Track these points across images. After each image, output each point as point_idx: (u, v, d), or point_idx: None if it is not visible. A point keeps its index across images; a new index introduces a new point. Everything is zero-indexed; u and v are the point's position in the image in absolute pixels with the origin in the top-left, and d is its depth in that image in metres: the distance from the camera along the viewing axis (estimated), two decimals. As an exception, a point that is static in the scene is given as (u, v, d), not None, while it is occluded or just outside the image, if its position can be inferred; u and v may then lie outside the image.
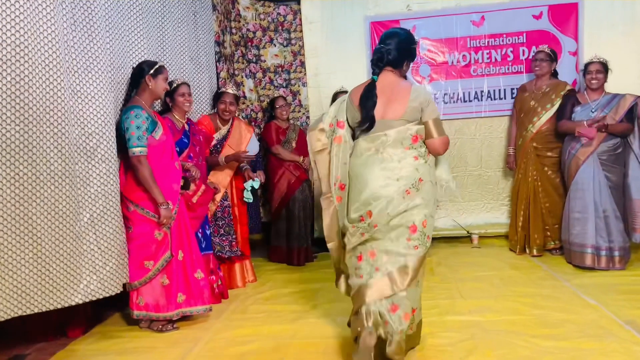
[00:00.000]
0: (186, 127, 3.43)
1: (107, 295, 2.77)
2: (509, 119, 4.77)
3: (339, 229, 2.55)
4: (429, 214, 2.40)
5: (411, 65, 2.68)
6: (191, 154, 3.39)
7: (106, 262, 2.75)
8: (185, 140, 3.39)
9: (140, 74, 2.98)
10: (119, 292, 2.83)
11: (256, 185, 3.94)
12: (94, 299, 2.71)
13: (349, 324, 2.62)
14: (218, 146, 3.80)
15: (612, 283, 3.50)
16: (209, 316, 3.20)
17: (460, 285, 3.60)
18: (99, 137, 2.73)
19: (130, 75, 3.07)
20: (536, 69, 4.36)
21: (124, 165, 2.97)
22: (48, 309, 2.53)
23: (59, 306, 2.56)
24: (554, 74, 4.42)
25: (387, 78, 2.47)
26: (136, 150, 2.82)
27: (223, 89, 3.87)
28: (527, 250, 4.34)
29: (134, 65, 3.10)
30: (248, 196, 3.91)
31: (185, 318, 3.12)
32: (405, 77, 2.60)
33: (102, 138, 2.75)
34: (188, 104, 3.37)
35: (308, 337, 2.84)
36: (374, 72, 2.48)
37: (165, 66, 3.11)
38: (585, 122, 3.84)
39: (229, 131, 3.84)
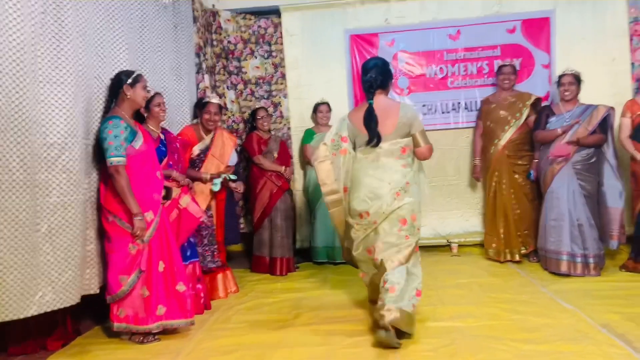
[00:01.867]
0: (162, 136, 3.43)
1: (63, 306, 2.73)
2: (473, 130, 4.86)
3: (345, 221, 3.14)
4: (417, 210, 2.96)
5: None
6: (170, 162, 3.39)
7: (62, 274, 2.71)
8: (163, 149, 3.39)
9: (119, 84, 2.95)
10: (75, 303, 2.79)
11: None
12: (49, 310, 2.67)
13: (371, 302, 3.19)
14: (202, 156, 3.80)
15: (587, 289, 3.58)
16: (188, 327, 3.17)
17: (441, 292, 3.65)
18: (60, 147, 2.70)
19: (109, 86, 3.04)
20: (505, 82, 4.51)
21: (104, 175, 2.95)
22: (3, 320, 2.49)
23: (14, 317, 2.52)
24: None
25: (380, 100, 2.99)
26: (113, 160, 2.80)
27: (207, 99, 3.88)
28: (509, 257, 4.41)
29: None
30: (216, 182, 3.76)
31: (167, 329, 3.09)
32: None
33: (64, 149, 2.72)
34: (163, 114, 3.38)
35: (291, 346, 2.84)
36: (369, 97, 2.97)
37: (144, 75, 3.10)
38: (558, 129, 3.95)
39: (212, 141, 3.85)
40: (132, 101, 2.96)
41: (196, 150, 3.78)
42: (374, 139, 2.92)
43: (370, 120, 2.91)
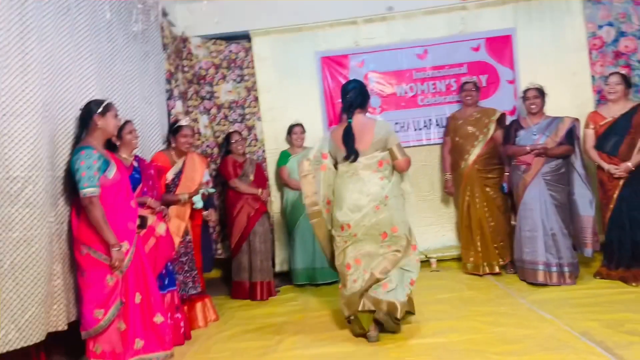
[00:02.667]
0: (135, 163, 3.39)
1: (27, 345, 2.62)
2: (441, 147, 4.95)
3: (327, 232, 3.30)
4: (397, 221, 3.11)
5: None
6: (145, 189, 3.35)
7: (25, 311, 2.61)
8: (137, 176, 3.34)
9: (89, 113, 2.90)
10: (39, 341, 2.68)
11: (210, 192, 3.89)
12: (12, 349, 2.56)
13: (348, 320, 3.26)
14: (176, 180, 3.77)
15: (564, 297, 3.65)
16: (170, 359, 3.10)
17: (423, 308, 3.65)
18: (24, 181, 2.62)
19: (79, 116, 2.99)
20: (467, 98, 4.63)
21: (77, 207, 2.88)
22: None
23: None
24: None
25: (358, 119, 3.21)
26: (87, 191, 2.72)
27: (180, 122, 3.86)
28: (488, 269, 4.47)
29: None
30: (196, 199, 3.74)
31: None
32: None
33: (27, 182, 2.64)
34: (135, 141, 3.34)
35: (276, 372, 2.81)
36: (348, 117, 3.20)
37: (114, 104, 3.06)
38: (527, 147, 4.06)
39: (184, 164, 3.82)
40: (103, 130, 2.91)
41: (170, 175, 3.75)
42: (351, 155, 3.13)
43: (348, 138, 3.13)
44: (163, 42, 4.45)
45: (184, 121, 3.89)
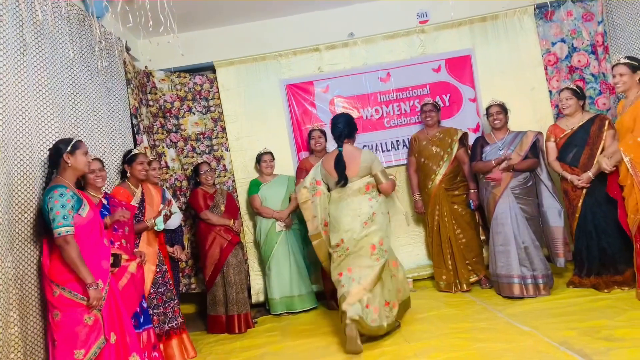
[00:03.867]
0: (104, 201, 3.32)
1: None
2: (406, 167, 5.00)
3: (327, 251, 3.65)
4: (383, 235, 3.50)
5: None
6: (115, 226, 3.27)
7: None
8: (106, 213, 3.27)
9: (57, 153, 2.86)
10: None
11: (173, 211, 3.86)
12: None
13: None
14: (141, 207, 3.69)
15: (541, 308, 3.70)
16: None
17: (403, 329, 3.64)
18: None
19: (47, 157, 2.92)
20: (428, 119, 4.71)
21: (48, 247, 2.79)
22: None
23: None
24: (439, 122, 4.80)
25: (347, 148, 3.63)
26: (62, 230, 2.66)
27: (135, 151, 3.79)
28: (459, 287, 4.50)
29: (49, 146, 2.97)
30: (157, 221, 3.66)
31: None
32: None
33: None
34: (100, 180, 3.27)
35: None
36: (339, 145, 3.61)
37: (83, 141, 3.00)
38: (492, 161, 4.16)
39: (142, 192, 3.76)
40: (74, 169, 2.87)
41: (133, 204, 3.66)
42: (342, 180, 3.52)
43: (339, 165, 3.54)
44: (126, 77, 4.41)
45: (137, 149, 3.84)
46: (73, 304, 2.70)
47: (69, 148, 2.86)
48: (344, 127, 3.64)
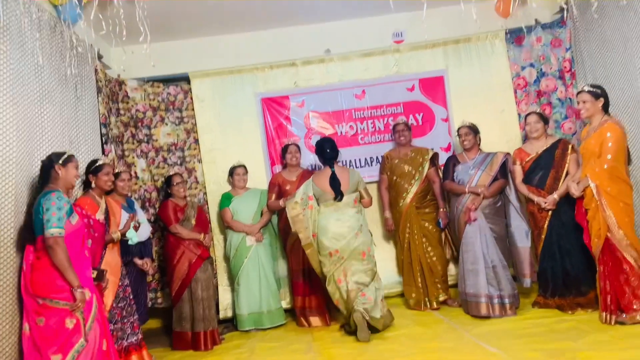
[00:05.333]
0: None
1: None
2: (377, 185, 4.98)
3: (319, 258, 4.07)
4: (369, 243, 4.06)
5: None
6: (90, 239, 3.20)
7: None
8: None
9: (50, 164, 3.00)
10: None
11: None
12: None
13: (341, 327, 4.21)
14: (106, 219, 3.59)
15: (507, 329, 3.74)
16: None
17: (371, 348, 3.64)
18: None
19: (40, 168, 3.03)
20: (401, 138, 4.77)
21: (32, 255, 2.84)
22: None
23: None
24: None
25: (337, 168, 4.15)
26: (55, 231, 2.75)
27: (100, 162, 3.65)
28: (428, 305, 4.53)
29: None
30: (132, 234, 3.67)
31: None
32: None
33: None
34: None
35: None
36: (331, 166, 4.11)
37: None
38: (465, 189, 4.23)
39: (106, 203, 3.65)
40: (64, 181, 3.01)
41: (100, 216, 3.55)
42: (338, 196, 4.00)
43: (335, 183, 4.03)
44: (97, 85, 4.32)
45: (102, 159, 3.75)
46: (55, 310, 2.78)
47: (61, 160, 3.00)
48: (333, 151, 4.15)
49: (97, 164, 3.64)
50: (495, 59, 5.24)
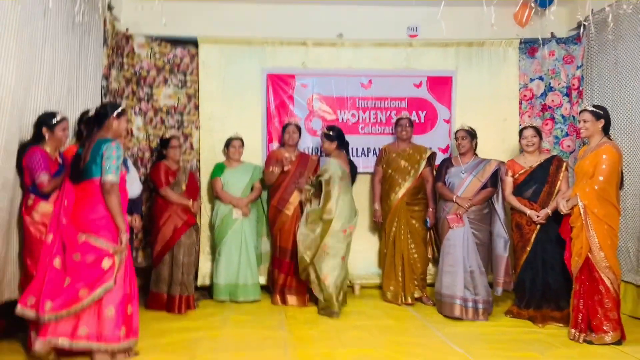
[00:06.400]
0: (59, 159, 3.38)
1: None
2: (371, 176, 5.00)
3: None
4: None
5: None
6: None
7: None
8: (61, 171, 3.30)
9: (105, 115, 3.13)
10: None
11: None
12: None
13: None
14: None
15: (477, 333, 3.79)
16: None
17: (342, 334, 3.67)
18: None
19: (95, 114, 3.19)
20: (403, 133, 4.76)
21: (80, 194, 3.03)
22: None
23: None
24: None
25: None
26: (113, 177, 2.97)
27: (90, 113, 3.64)
28: (404, 300, 4.57)
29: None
30: None
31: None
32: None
33: None
34: (65, 138, 3.39)
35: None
36: (347, 152, 4.58)
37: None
38: (454, 197, 4.23)
39: None
40: (115, 131, 3.15)
41: None
42: (355, 177, 4.55)
43: (353, 168, 4.50)
44: (104, 36, 4.28)
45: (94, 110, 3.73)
46: (97, 249, 2.96)
47: (116, 113, 3.14)
48: (344, 139, 4.52)
49: (89, 115, 3.63)
50: (506, 67, 5.23)
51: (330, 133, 4.44)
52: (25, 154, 3.22)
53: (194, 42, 5.07)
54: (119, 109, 3.18)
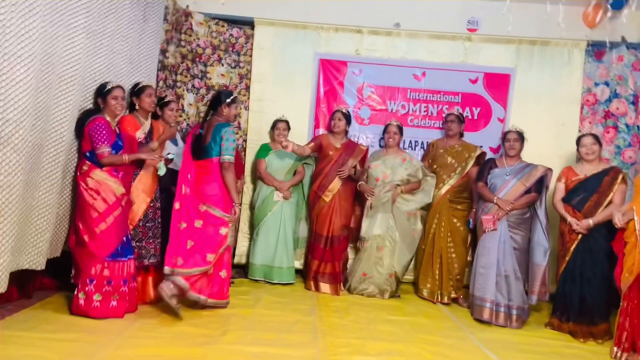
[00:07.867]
0: (117, 130, 3.45)
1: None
2: None
3: None
4: None
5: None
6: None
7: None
8: (120, 143, 3.42)
9: (219, 101, 3.68)
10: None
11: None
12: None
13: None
14: (148, 139, 3.70)
15: (512, 341, 3.66)
16: (110, 331, 3.04)
17: (373, 326, 3.64)
18: (15, 124, 2.63)
19: (210, 99, 3.81)
20: (449, 130, 4.66)
21: (191, 167, 3.55)
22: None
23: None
24: (461, 135, 4.74)
25: None
26: (230, 157, 3.55)
27: (143, 83, 3.73)
28: (440, 298, 4.48)
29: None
30: (160, 166, 3.66)
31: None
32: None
33: (18, 126, 2.65)
34: (120, 107, 3.43)
35: (213, 364, 2.74)
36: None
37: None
38: (494, 199, 4.09)
39: (152, 127, 3.75)
40: (227, 116, 3.69)
41: (140, 134, 3.66)
42: None
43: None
44: (165, 11, 4.35)
45: (146, 81, 3.81)
46: (214, 218, 3.53)
47: (228, 100, 3.66)
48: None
49: (140, 86, 3.71)
50: (569, 69, 4.99)
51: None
52: (90, 122, 3.32)
53: (250, 23, 5.10)
54: (230, 98, 3.67)
